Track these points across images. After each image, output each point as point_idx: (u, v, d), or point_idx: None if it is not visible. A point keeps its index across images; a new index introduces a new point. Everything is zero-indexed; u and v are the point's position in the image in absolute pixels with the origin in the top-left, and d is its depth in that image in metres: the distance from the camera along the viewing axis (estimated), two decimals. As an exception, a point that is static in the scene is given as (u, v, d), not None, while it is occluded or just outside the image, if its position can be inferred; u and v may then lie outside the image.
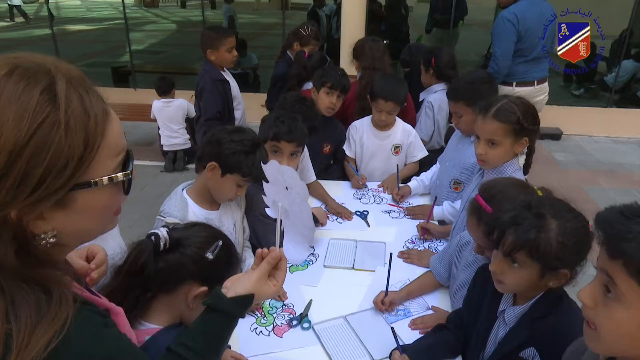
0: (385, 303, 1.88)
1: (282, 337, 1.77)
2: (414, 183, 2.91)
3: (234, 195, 1.88)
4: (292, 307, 1.92)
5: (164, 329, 1.24)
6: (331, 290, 2.03)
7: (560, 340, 1.32)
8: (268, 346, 1.72)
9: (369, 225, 2.60)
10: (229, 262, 1.30)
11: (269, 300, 1.94)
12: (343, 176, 3.20)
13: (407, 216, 2.69)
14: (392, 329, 1.70)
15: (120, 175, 0.76)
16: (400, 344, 1.64)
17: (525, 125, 1.90)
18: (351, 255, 2.28)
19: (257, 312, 1.89)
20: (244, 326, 1.82)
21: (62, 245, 0.75)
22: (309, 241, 1.22)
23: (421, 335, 1.76)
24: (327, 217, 2.61)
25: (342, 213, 2.67)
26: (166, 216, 1.79)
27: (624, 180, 5.59)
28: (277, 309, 1.91)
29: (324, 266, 2.19)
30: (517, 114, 1.89)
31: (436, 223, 2.55)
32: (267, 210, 1.24)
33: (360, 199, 2.90)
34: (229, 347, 1.70)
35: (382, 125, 3.02)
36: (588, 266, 1.32)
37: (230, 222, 2.01)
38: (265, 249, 1.15)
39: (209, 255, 1.23)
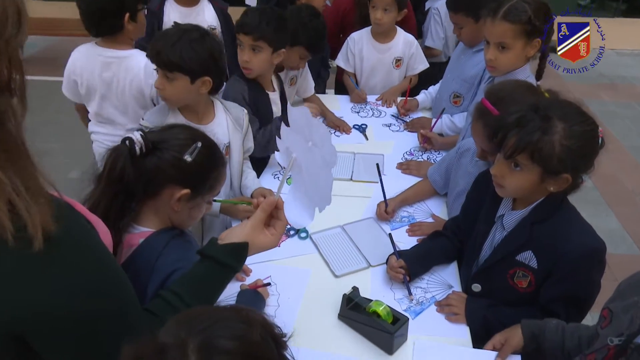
0: (389, 212, 1.90)
1: (280, 246, 1.79)
2: (421, 96, 2.82)
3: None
4: (289, 217, 1.93)
5: (157, 232, 1.23)
6: (329, 201, 2.03)
7: (558, 244, 1.33)
8: (267, 255, 1.69)
9: (367, 139, 2.57)
10: (210, 163, 1.27)
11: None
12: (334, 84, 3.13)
13: (406, 130, 2.65)
14: (390, 235, 1.72)
15: None
16: (397, 250, 1.66)
17: (537, 25, 1.80)
18: (349, 167, 2.27)
19: (255, 223, 1.90)
20: (243, 236, 1.84)
21: None
22: (319, 208, 1.10)
23: (418, 242, 1.78)
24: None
25: (341, 126, 2.63)
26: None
27: (626, 93, 5.50)
28: (275, 220, 1.92)
29: (322, 178, 2.18)
30: (529, 13, 1.78)
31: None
32: (276, 155, 1.12)
33: (358, 112, 2.84)
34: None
35: (382, 35, 2.87)
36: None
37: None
38: (261, 198, 1.09)
39: (187, 158, 1.19)
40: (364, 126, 2.66)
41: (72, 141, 3.01)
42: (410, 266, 1.58)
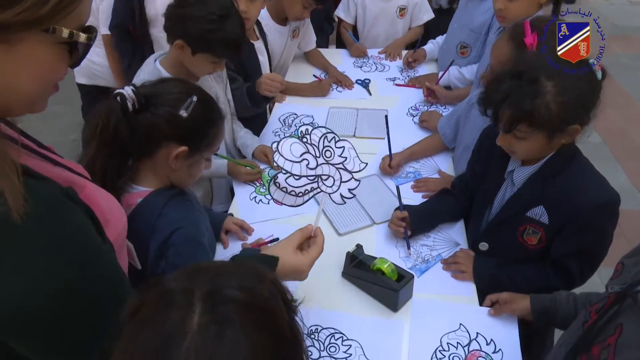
0: (393, 167, 1.85)
1: (281, 205, 1.75)
2: (429, 46, 2.70)
3: (212, 70, 1.69)
4: (292, 176, 1.88)
5: (155, 191, 1.19)
6: (332, 158, 1.98)
7: (572, 198, 1.29)
8: (268, 214, 1.71)
9: (370, 94, 2.49)
10: (208, 118, 1.20)
11: (268, 169, 1.90)
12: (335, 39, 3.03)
13: (411, 85, 2.55)
14: (397, 187, 1.68)
15: (83, 35, 0.65)
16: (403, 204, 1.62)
17: None
18: (352, 124, 2.21)
19: (256, 182, 1.86)
20: (244, 196, 1.81)
21: None
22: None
23: (425, 199, 1.74)
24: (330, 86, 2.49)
25: (343, 81, 2.54)
26: None
27: (639, 45, 5.32)
28: (277, 178, 1.88)
29: (324, 135, 2.12)
30: None
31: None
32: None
33: (361, 67, 2.74)
34: (231, 214, 1.70)
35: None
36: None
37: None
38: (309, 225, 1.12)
39: (183, 113, 1.13)
40: (367, 81, 2.57)
41: (76, 104, 2.95)
42: (413, 221, 1.55)
